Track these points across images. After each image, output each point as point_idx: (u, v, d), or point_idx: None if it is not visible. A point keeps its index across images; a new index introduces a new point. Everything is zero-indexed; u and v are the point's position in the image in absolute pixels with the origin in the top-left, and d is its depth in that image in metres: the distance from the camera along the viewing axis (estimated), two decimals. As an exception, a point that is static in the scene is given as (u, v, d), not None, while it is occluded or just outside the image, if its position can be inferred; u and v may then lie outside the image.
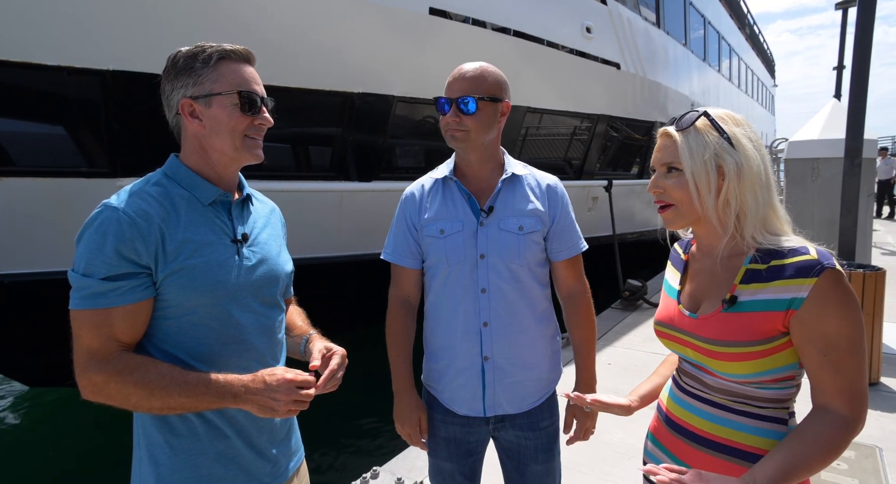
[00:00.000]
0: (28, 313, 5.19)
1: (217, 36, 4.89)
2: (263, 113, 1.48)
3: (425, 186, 1.96)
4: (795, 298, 1.24)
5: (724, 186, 1.32)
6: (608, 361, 5.67)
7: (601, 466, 3.64)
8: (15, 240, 4.93)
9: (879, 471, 3.42)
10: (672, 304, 1.53)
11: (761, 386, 1.33)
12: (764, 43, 29.66)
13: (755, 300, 1.30)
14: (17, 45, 4.44)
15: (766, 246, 1.32)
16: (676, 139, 1.37)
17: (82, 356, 1.29)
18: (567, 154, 9.79)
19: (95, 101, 4.90)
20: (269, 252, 1.56)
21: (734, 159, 1.31)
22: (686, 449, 1.44)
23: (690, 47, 13.98)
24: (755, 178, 1.31)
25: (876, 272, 4.66)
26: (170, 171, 1.46)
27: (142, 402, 1.29)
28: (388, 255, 1.99)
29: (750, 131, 1.36)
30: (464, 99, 1.77)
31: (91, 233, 1.29)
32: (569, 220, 1.96)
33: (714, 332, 1.35)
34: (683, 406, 1.47)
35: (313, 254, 6.70)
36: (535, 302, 1.93)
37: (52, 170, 4.90)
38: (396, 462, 3.65)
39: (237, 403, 1.33)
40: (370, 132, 6.66)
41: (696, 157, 1.33)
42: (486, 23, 7.34)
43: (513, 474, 2.02)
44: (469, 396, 1.91)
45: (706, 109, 1.37)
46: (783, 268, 1.27)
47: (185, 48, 1.42)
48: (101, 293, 1.28)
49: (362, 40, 6.18)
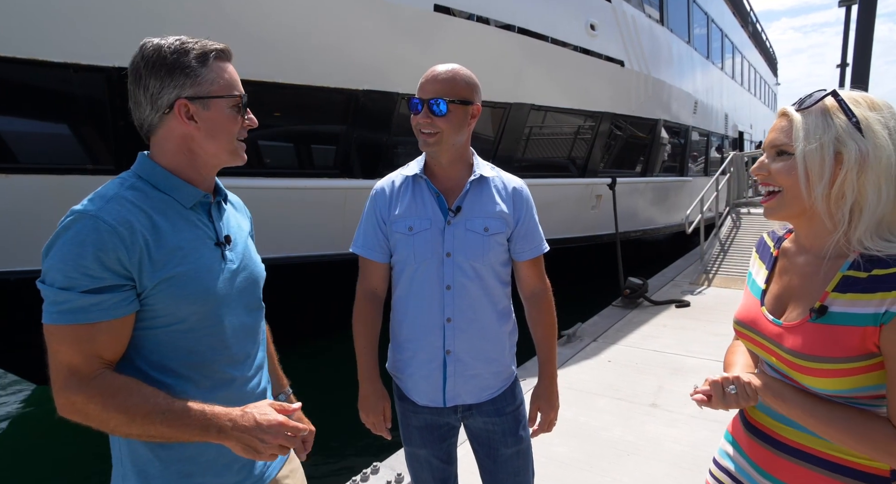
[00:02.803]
0: (35, 311, 5.23)
1: (222, 33, 4.91)
2: (249, 113, 1.43)
3: (396, 183, 1.99)
4: (889, 312, 1.10)
5: (841, 176, 1.16)
6: (608, 359, 5.69)
7: (600, 463, 3.66)
8: (21, 237, 4.97)
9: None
10: (755, 304, 1.38)
11: (853, 402, 1.20)
12: (766, 41, 29.58)
13: (848, 312, 1.15)
14: (23, 43, 4.48)
15: (873, 252, 1.15)
16: (795, 119, 1.21)
17: (61, 373, 1.20)
18: (571, 152, 9.80)
19: (101, 98, 4.94)
20: (247, 253, 1.52)
21: (859, 146, 1.14)
22: (768, 455, 1.34)
23: (694, 45, 13.97)
24: (882, 171, 1.14)
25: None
26: (143, 172, 1.36)
27: (121, 427, 1.21)
28: (358, 248, 2.02)
29: (890, 119, 1.17)
30: (436, 100, 1.79)
31: (66, 243, 1.19)
32: (533, 222, 2.01)
33: (799, 343, 1.21)
34: (766, 412, 1.35)
35: (317, 251, 6.74)
36: (497, 299, 1.99)
37: (58, 167, 4.95)
38: (396, 458, 3.70)
39: (220, 438, 1.23)
40: (374, 129, 6.69)
41: (812, 139, 1.17)
42: (491, 20, 7.36)
43: (485, 461, 2.09)
44: (430, 388, 1.97)
45: (836, 89, 1.21)
46: (884, 278, 1.12)
47: (161, 40, 1.31)
48: (83, 308, 1.19)
49: (367, 37, 6.21)
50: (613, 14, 9.62)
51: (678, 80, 12.62)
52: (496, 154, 8.04)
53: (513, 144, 8.34)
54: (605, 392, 4.84)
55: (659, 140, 12.09)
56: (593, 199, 10.27)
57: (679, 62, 12.84)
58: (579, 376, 5.24)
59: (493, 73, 7.51)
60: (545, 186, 9.01)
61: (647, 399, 4.58)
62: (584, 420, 4.29)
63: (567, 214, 9.71)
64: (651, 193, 12.61)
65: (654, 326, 6.75)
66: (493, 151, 8.02)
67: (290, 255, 6.47)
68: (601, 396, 4.75)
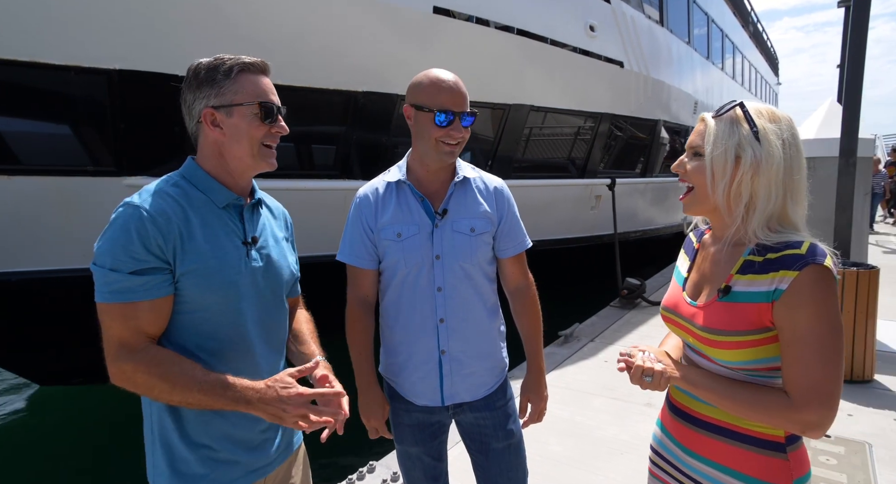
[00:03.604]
0: (36, 312, 5.27)
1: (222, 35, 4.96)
2: (279, 121, 1.57)
3: (379, 190, 2.02)
4: (778, 290, 1.28)
5: (738, 177, 1.34)
6: (605, 359, 5.73)
7: (595, 461, 3.70)
8: (22, 238, 5.01)
9: (868, 467, 3.48)
10: (678, 290, 1.58)
11: (753, 373, 1.38)
12: (767, 40, 29.55)
13: (747, 291, 1.34)
14: (24, 45, 4.52)
15: (766, 242, 1.34)
16: (709, 125, 1.41)
17: (113, 346, 1.38)
18: (571, 153, 9.82)
19: (101, 100, 4.97)
20: (276, 254, 1.65)
21: (755, 153, 1.33)
22: (690, 433, 1.51)
23: (694, 45, 13.97)
24: (773, 176, 1.32)
25: (869, 270, 4.72)
26: (187, 173, 1.54)
27: (163, 394, 1.37)
28: (345, 256, 2.05)
29: (784, 129, 1.35)
30: (465, 114, 1.87)
31: (115, 229, 1.37)
32: (515, 219, 2.08)
33: (708, 320, 1.40)
34: (686, 392, 1.52)
35: (318, 252, 6.77)
36: (486, 297, 2.05)
37: (59, 168, 4.98)
38: (392, 456, 3.73)
39: (248, 408, 1.39)
40: (374, 131, 6.71)
41: (720, 143, 1.36)
42: (490, 21, 7.37)
43: (478, 456, 2.14)
44: (428, 389, 2.02)
45: (744, 101, 1.39)
46: (775, 261, 1.31)
47: (205, 60, 1.51)
48: (130, 288, 1.36)
49: (366, 39, 6.22)
50: (613, 15, 9.63)
51: (678, 81, 12.62)
52: (495, 155, 8.07)
53: (512, 145, 8.36)
54: (602, 392, 4.88)
55: (658, 141, 12.10)
56: (592, 199, 10.28)
57: (679, 63, 12.83)
58: (576, 376, 5.28)
59: (492, 75, 7.54)
60: (544, 187, 9.03)
61: (642, 399, 4.61)
62: (581, 420, 4.33)
63: (566, 215, 9.73)
64: (650, 194, 12.62)
65: (651, 327, 6.79)
66: (492, 152, 8.05)
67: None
68: (597, 396, 4.78)
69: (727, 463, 1.42)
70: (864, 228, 6.03)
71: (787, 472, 1.36)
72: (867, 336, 4.74)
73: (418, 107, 1.88)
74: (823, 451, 3.68)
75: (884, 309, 5.61)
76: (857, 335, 4.73)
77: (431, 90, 1.86)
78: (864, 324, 4.71)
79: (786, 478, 1.36)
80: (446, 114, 1.85)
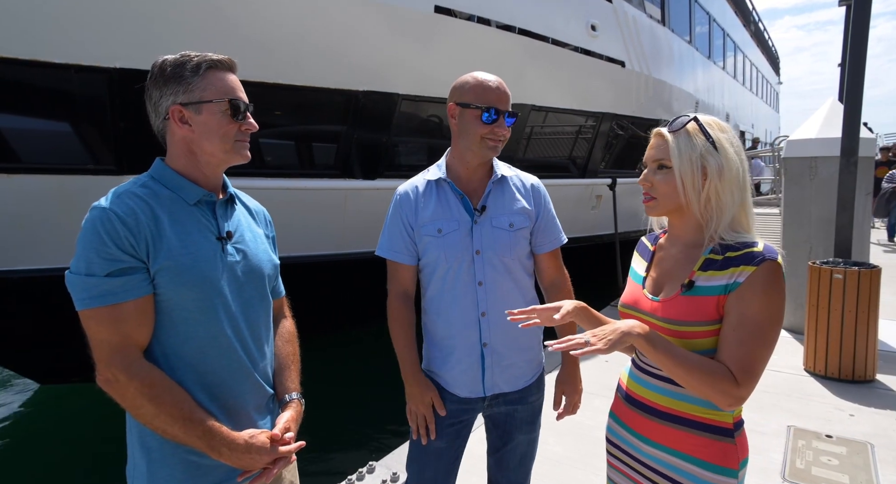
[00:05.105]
0: (35, 310, 5.27)
1: (223, 34, 4.95)
2: (249, 118, 1.56)
3: (419, 188, 2.09)
4: (735, 282, 1.41)
5: (707, 184, 1.47)
6: (605, 359, 5.71)
7: (593, 460, 3.69)
8: (22, 237, 5.01)
9: (870, 467, 3.46)
10: (637, 288, 1.69)
11: None
12: (769, 40, 29.53)
13: (707, 285, 1.46)
14: (25, 43, 4.52)
15: (727, 241, 1.48)
16: (668, 139, 1.52)
17: (104, 351, 1.35)
18: (572, 152, 9.82)
19: (102, 98, 4.98)
20: (252, 249, 1.62)
21: (717, 161, 1.46)
22: (644, 422, 1.61)
23: (695, 45, 13.96)
24: (733, 180, 1.47)
25: (871, 270, 4.71)
26: (155, 174, 1.53)
27: (146, 417, 1.37)
28: (385, 251, 2.12)
29: (732, 137, 1.51)
30: (510, 114, 1.98)
31: (85, 234, 1.36)
32: (550, 215, 2.17)
33: (672, 312, 1.51)
34: (642, 383, 1.64)
35: (317, 252, 6.77)
36: (525, 291, 2.12)
37: (59, 167, 4.99)
38: (392, 457, 3.71)
39: (216, 456, 1.41)
40: (374, 130, 6.71)
41: (685, 156, 1.48)
42: (491, 21, 7.37)
43: (497, 442, 2.21)
44: (470, 380, 2.08)
45: (696, 115, 1.51)
46: (734, 258, 1.44)
47: (170, 56, 1.50)
48: (111, 291, 1.34)
49: (367, 38, 6.22)
50: (614, 15, 9.63)
51: (679, 80, 12.62)
52: (496, 154, 8.05)
53: (513, 144, 8.35)
54: (601, 392, 4.85)
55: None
56: (593, 199, 10.28)
57: (680, 62, 12.83)
58: (577, 376, 5.25)
59: (493, 74, 7.51)
60: (545, 187, 9.02)
61: (643, 398, 4.57)
62: (580, 420, 4.27)
63: (567, 215, 9.70)
64: (652, 193, 12.59)
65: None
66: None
67: (289, 255, 6.49)
68: (597, 396, 4.76)
69: (680, 448, 1.52)
70: (866, 228, 6.01)
71: (734, 455, 1.49)
72: (869, 336, 4.73)
73: (464, 105, 1.96)
74: (825, 451, 3.66)
75: (885, 308, 5.61)
76: (859, 335, 4.72)
77: (478, 89, 1.95)
78: (865, 323, 4.70)
79: (733, 460, 1.49)
80: (492, 111, 1.93)
